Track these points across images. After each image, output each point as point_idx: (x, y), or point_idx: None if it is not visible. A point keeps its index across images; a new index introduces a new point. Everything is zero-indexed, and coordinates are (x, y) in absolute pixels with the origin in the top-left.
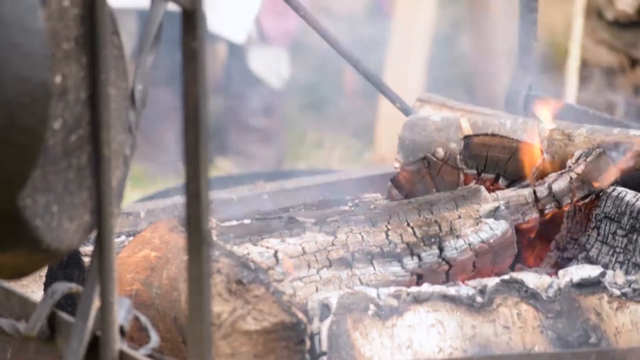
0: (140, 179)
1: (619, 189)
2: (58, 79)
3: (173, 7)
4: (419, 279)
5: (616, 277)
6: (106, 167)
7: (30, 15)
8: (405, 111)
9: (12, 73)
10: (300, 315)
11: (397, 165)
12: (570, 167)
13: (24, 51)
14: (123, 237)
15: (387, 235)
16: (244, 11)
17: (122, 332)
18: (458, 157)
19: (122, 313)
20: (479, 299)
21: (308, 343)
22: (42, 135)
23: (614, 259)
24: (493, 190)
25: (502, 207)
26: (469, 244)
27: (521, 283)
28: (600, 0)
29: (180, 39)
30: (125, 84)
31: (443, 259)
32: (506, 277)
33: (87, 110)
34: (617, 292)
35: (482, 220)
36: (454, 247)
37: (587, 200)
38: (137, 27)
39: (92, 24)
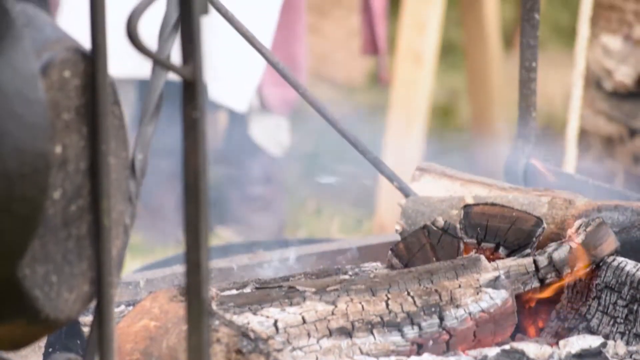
0: (140, 247)
1: (619, 259)
2: (58, 150)
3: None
4: (420, 348)
5: (617, 348)
6: (106, 237)
7: (30, 86)
8: (404, 190)
9: (12, 144)
10: None
11: (398, 228)
12: (570, 236)
13: (24, 122)
14: (122, 307)
15: (387, 304)
16: (247, 80)
17: None
18: (458, 226)
19: None
20: None
21: None
22: (41, 206)
23: (614, 330)
24: (493, 260)
25: (503, 277)
26: (470, 314)
27: (522, 353)
28: (599, 71)
29: (180, 109)
30: (125, 153)
31: (443, 329)
32: (507, 347)
33: (88, 180)
34: None
35: (483, 290)
36: (454, 317)
37: (587, 270)
38: (136, 97)
39: (94, 94)
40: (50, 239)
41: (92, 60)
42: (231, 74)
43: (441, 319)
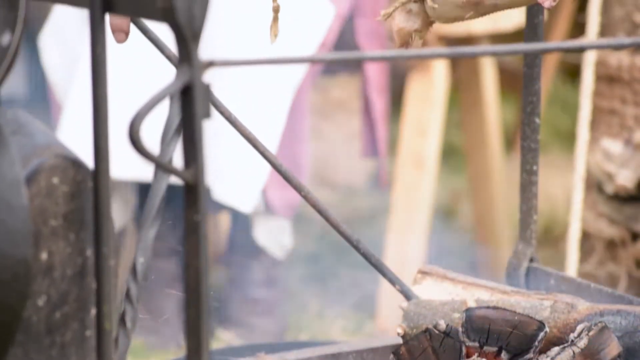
0: (140, 351)
1: None
2: (44, 256)
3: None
4: None
5: None
6: (107, 341)
7: (14, 193)
8: (406, 293)
9: None
10: None
11: (400, 331)
12: (572, 341)
13: (6, 228)
14: None
15: None
16: (252, 181)
17: None
18: (460, 329)
19: None
20: None
21: None
22: (21, 313)
23: None
24: None
25: None
26: None
27: None
28: (600, 175)
29: (182, 212)
30: (115, 259)
31: None
32: None
33: (74, 287)
34: None
35: None
36: None
37: None
38: (135, 199)
39: (95, 196)
40: (32, 347)
41: (94, 163)
42: (236, 175)
43: None
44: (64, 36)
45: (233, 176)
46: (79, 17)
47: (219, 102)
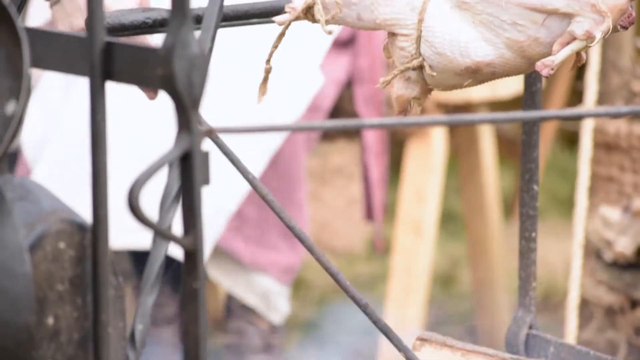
0: None
1: None
2: (50, 321)
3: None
4: None
5: None
6: None
7: (17, 260)
8: None
9: None
10: None
11: None
12: None
13: (9, 295)
14: None
15: None
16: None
17: None
18: None
19: None
20: None
21: None
22: None
23: None
24: None
25: None
26: None
27: None
28: (599, 242)
29: (181, 279)
30: (123, 322)
31: None
32: None
33: (81, 351)
34: None
35: None
36: None
37: None
38: (133, 268)
39: (94, 264)
40: None
41: (93, 231)
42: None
43: None
44: (43, 98)
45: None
46: (63, 81)
47: (239, 162)
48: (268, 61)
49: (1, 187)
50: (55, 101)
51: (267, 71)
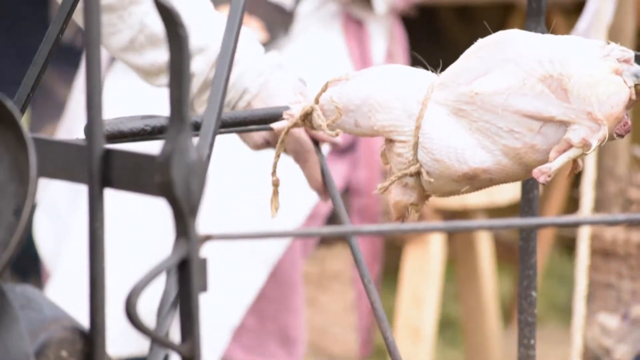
0: None
1: None
2: None
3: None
4: None
5: None
6: None
7: None
8: None
9: None
10: None
11: None
12: None
13: None
14: None
15: None
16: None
17: None
18: None
19: None
20: None
21: None
22: None
23: None
24: None
25: None
26: None
27: None
28: (597, 349)
29: None
30: None
31: None
32: None
33: None
34: None
35: None
36: None
37: None
38: None
39: None
40: None
41: (90, 338)
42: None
43: None
44: (56, 210)
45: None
46: (71, 190)
47: None
48: (274, 173)
49: (7, 293)
50: (64, 209)
51: (275, 184)
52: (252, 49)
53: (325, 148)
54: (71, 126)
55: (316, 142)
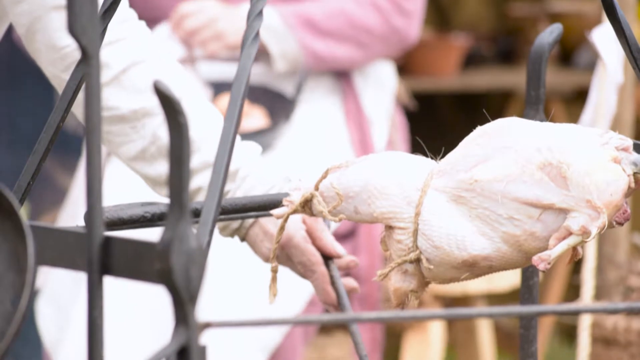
0: None
1: None
2: None
3: None
4: None
5: None
6: None
7: None
8: None
9: None
10: None
11: None
12: None
13: None
14: None
15: None
16: None
17: None
18: None
19: None
20: None
21: None
22: None
23: None
24: None
25: None
26: None
27: None
28: None
29: None
30: None
31: None
32: None
33: None
34: None
35: None
36: None
37: None
38: None
39: None
40: None
41: None
42: None
43: None
44: (58, 298)
45: None
46: (72, 277)
47: None
48: (272, 259)
49: None
50: (66, 297)
51: (274, 270)
52: (257, 160)
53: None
54: (74, 211)
55: (325, 256)
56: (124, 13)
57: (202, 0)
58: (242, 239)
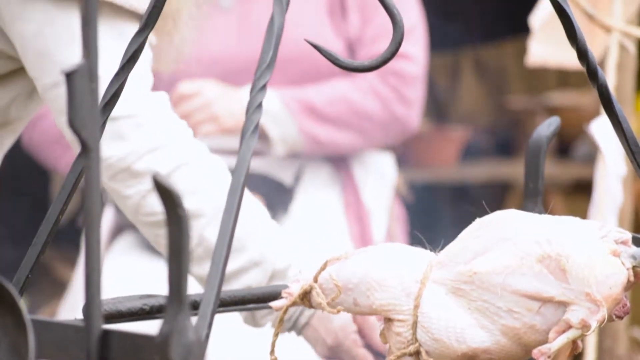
0: None
1: None
2: None
3: None
4: None
5: None
6: None
7: None
8: None
9: None
10: None
11: None
12: None
13: None
14: None
15: None
16: None
17: None
18: None
19: None
20: None
21: None
22: None
23: None
24: None
25: None
26: None
27: None
28: None
29: None
30: None
31: None
32: None
33: None
34: None
35: None
36: None
37: None
38: None
39: None
40: None
41: None
42: None
43: None
44: None
45: None
46: None
47: None
48: (272, 352)
49: None
50: None
51: None
52: (306, 257)
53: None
54: (74, 303)
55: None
56: (163, 116)
57: (202, 81)
58: (299, 334)
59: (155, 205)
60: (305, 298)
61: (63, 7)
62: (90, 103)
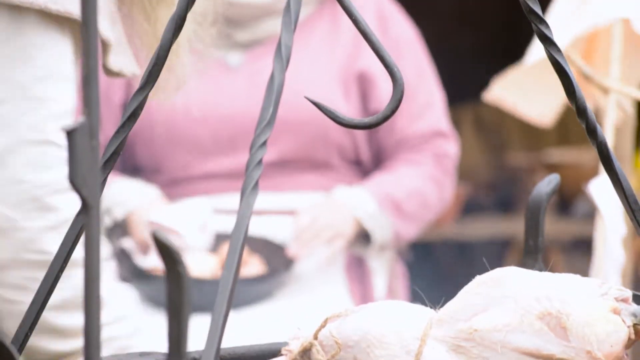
0: None
1: None
2: None
3: None
4: None
5: None
6: None
7: None
8: None
9: None
10: None
11: None
12: None
13: None
14: None
15: None
16: None
17: None
18: None
19: None
20: None
21: None
22: None
23: None
24: None
25: None
26: None
27: None
28: None
29: None
30: None
31: None
32: None
33: None
34: None
35: None
36: None
37: None
38: None
39: None
40: None
41: None
42: None
43: None
44: None
45: None
46: None
47: None
48: None
49: None
50: None
51: None
52: None
53: None
54: None
55: None
56: None
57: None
58: None
59: (50, 244)
60: (305, 355)
61: (22, 30)
62: (91, 161)
